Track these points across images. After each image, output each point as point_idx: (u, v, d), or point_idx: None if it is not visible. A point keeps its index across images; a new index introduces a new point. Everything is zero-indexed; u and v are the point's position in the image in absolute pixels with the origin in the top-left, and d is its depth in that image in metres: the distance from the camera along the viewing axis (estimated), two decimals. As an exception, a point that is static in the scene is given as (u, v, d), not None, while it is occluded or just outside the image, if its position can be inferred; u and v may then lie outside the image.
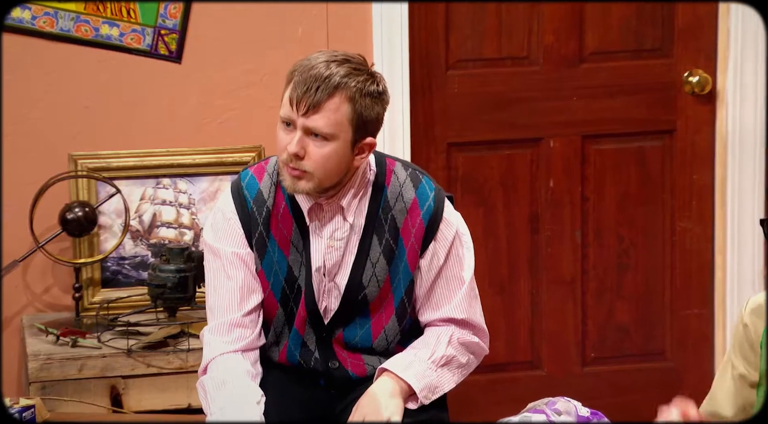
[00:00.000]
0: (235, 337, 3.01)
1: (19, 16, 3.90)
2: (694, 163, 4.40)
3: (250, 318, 3.03)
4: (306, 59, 2.91)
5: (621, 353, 4.45)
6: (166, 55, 4.02)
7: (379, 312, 3.05)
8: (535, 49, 4.29)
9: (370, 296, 3.03)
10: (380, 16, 4.09)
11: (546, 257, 4.38)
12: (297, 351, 3.07)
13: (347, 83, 2.85)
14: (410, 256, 3.02)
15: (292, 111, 2.86)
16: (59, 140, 3.98)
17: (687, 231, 4.42)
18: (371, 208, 3.01)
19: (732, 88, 4.32)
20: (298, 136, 2.87)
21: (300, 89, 2.84)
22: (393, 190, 3.01)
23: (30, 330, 3.87)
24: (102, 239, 4.00)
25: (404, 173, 3.03)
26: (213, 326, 3.04)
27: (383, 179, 3.02)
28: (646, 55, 4.35)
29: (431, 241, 3.02)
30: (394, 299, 3.03)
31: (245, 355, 3.01)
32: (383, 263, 3.00)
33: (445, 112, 4.25)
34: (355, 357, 3.08)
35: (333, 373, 3.08)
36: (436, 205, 3.01)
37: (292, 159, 2.87)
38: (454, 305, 3.06)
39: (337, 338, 3.06)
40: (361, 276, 3.02)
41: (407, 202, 3.00)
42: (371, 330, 3.06)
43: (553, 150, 4.34)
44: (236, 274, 3.02)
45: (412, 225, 3.01)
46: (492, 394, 4.28)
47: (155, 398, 3.71)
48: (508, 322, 4.37)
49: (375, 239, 3.01)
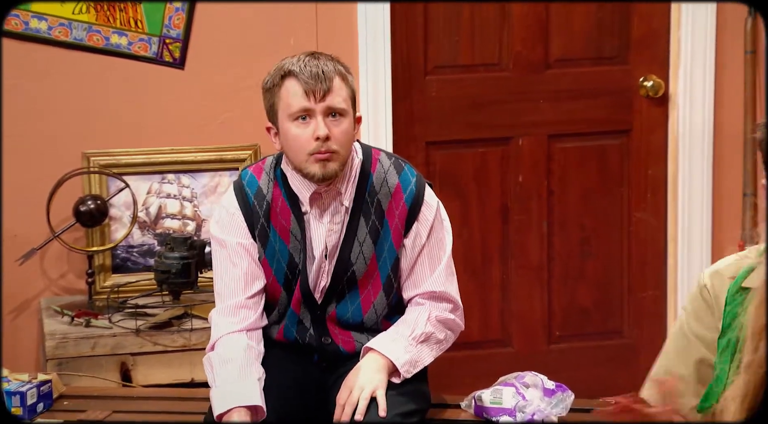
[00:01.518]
0: (240, 318, 3.02)
1: (36, 27, 3.90)
2: (649, 160, 4.40)
3: (253, 301, 3.04)
4: (282, 63, 2.98)
5: (583, 332, 4.46)
6: (171, 61, 4.01)
7: (368, 289, 3.06)
8: (505, 56, 4.28)
9: (358, 273, 3.03)
10: (365, 26, 4.09)
11: (515, 245, 4.37)
12: (294, 328, 3.08)
13: (337, 68, 2.95)
14: (395, 236, 3.03)
15: (308, 102, 2.92)
16: (73, 139, 3.97)
17: (642, 221, 4.42)
18: (358, 193, 3.02)
19: (683, 92, 4.32)
20: (321, 121, 2.92)
21: (310, 82, 2.91)
22: (378, 177, 3.03)
23: (47, 312, 3.86)
24: (112, 229, 3.99)
25: (388, 161, 3.06)
26: (220, 308, 3.05)
27: (369, 167, 3.04)
28: (605, 62, 4.35)
29: (414, 222, 3.04)
30: (381, 275, 3.03)
31: (249, 334, 3.02)
32: (369, 242, 3.01)
33: (424, 114, 4.25)
34: (345, 334, 3.08)
35: (325, 348, 3.09)
36: (417, 190, 3.03)
37: (323, 143, 2.91)
38: (433, 279, 3.07)
39: (330, 316, 3.07)
40: (349, 254, 3.03)
41: (391, 186, 3.02)
42: (361, 306, 3.07)
43: (521, 148, 4.33)
44: (241, 262, 3.04)
45: (396, 207, 3.02)
46: (467, 369, 4.28)
47: (161, 374, 3.70)
48: (481, 304, 4.37)
49: (362, 220, 3.02)
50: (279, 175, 3.05)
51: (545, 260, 4.40)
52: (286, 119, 2.95)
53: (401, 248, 3.04)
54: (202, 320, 3.70)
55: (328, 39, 3.98)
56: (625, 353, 4.46)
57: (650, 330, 4.45)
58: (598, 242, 4.43)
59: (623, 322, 4.49)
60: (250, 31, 4.00)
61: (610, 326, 4.49)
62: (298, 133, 2.93)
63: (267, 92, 3.00)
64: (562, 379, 3.20)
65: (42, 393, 3.26)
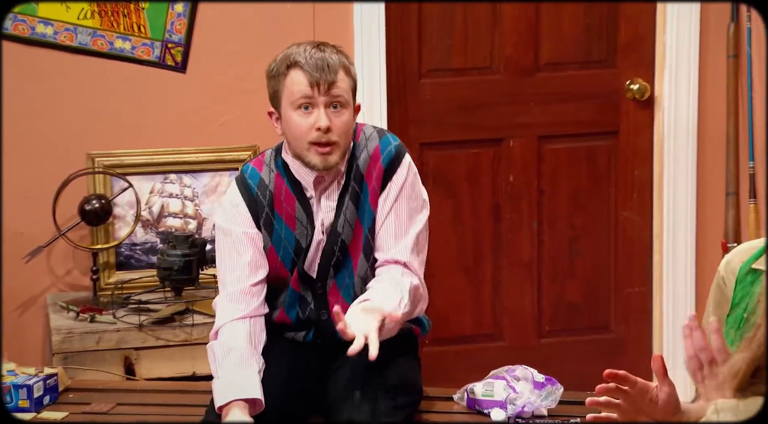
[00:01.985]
0: (244, 304, 3.02)
1: (42, 31, 3.90)
2: (635, 161, 4.40)
3: (257, 289, 3.04)
4: (289, 52, 2.98)
5: (572, 327, 4.46)
6: (173, 65, 4.01)
7: (355, 252, 3.05)
8: (497, 60, 4.28)
9: (347, 240, 3.03)
10: (361, 31, 4.09)
11: (506, 243, 4.37)
12: (295, 305, 3.07)
13: (341, 60, 2.96)
14: (372, 197, 3.03)
15: (312, 92, 2.93)
16: (78, 140, 3.97)
17: (629, 220, 4.43)
18: (348, 165, 3.03)
19: (668, 94, 4.32)
20: (323, 112, 2.93)
21: (317, 73, 2.91)
22: (360, 144, 3.04)
23: (53, 308, 3.86)
24: (116, 228, 3.99)
25: (371, 129, 3.09)
26: (224, 294, 3.05)
27: (354, 138, 3.05)
28: (593, 66, 4.35)
29: (389, 181, 3.03)
30: (363, 237, 3.02)
31: (252, 321, 3.02)
32: (351, 207, 3.01)
33: (418, 116, 4.25)
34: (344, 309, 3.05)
35: (321, 324, 3.07)
36: (397, 152, 3.05)
37: (324, 134, 2.92)
38: (399, 248, 3.02)
39: (330, 290, 3.06)
40: (337, 224, 3.03)
41: (370, 150, 3.04)
42: (352, 269, 3.06)
43: (512, 149, 4.33)
44: (245, 251, 3.04)
45: (374, 170, 3.03)
46: (460, 363, 4.27)
47: (163, 367, 3.70)
48: (473, 299, 4.37)
49: (347, 189, 3.03)
50: (280, 165, 3.05)
51: (535, 257, 4.40)
52: (288, 107, 2.96)
53: (377, 208, 3.03)
54: (203, 315, 3.70)
55: (325, 43, 3.99)
56: (612, 347, 4.46)
57: (636, 325, 4.45)
58: (587, 240, 4.43)
59: (610, 317, 4.49)
60: (248, 36, 4.00)
61: (597, 321, 4.49)
62: (300, 121, 2.95)
63: (272, 79, 3.00)
64: (552, 372, 3.20)
65: (48, 386, 3.25)
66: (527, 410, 3.07)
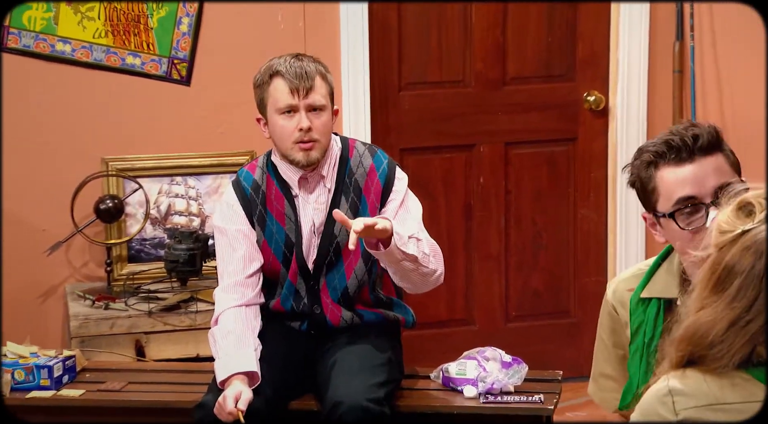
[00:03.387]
0: (239, 294, 3.03)
1: (62, 49, 3.89)
2: (592, 164, 4.41)
3: (251, 280, 3.04)
4: (271, 63, 3.00)
5: (535, 312, 4.46)
6: (178, 79, 4.00)
7: (350, 258, 3.04)
8: (468, 74, 4.28)
9: (341, 243, 3.02)
10: (347, 49, 4.08)
11: (477, 238, 4.37)
12: (291, 297, 3.07)
13: (317, 68, 2.98)
14: (371, 208, 3.03)
15: (293, 99, 2.95)
16: (94, 146, 3.96)
17: (586, 217, 4.43)
18: (339, 175, 3.04)
19: (620, 105, 4.33)
20: (304, 115, 2.95)
21: (296, 81, 2.94)
22: (355, 160, 3.04)
23: (71, 296, 3.85)
24: (128, 225, 3.98)
25: (363, 147, 3.09)
26: (222, 286, 3.06)
27: (347, 153, 3.06)
28: (554, 80, 4.35)
29: (389, 195, 3.04)
30: (360, 245, 2.98)
31: (247, 309, 3.03)
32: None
33: (398, 124, 4.25)
34: (335, 306, 3.07)
35: (315, 317, 3.07)
36: (389, 168, 3.06)
37: (305, 133, 2.93)
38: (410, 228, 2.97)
39: (322, 288, 3.06)
40: (333, 229, 3.02)
41: (366, 167, 3.04)
42: (345, 273, 3.05)
43: (482, 154, 4.33)
44: (239, 247, 3.04)
45: (372, 185, 3.03)
46: (435, 345, 4.27)
47: (170, 350, 3.69)
48: (447, 288, 4.36)
49: (343, 198, 3.03)
50: (270, 167, 3.07)
51: (503, 250, 4.40)
52: (274, 113, 2.98)
53: None
54: (205, 303, 3.70)
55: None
56: (571, 331, 4.47)
57: (593, 310, 4.40)
58: (548, 235, 4.43)
59: (570, 303, 4.49)
60: (245, 54, 3.99)
61: (558, 307, 4.50)
62: (284, 124, 2.97)
63: (257, 88, 3.02)
64: (518, 353, 3.20)
65: (67, 367, 3.25)
66: (496, 387, 3.07)
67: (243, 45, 4.01)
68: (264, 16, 4.02)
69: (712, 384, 1.73)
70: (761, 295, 1.69)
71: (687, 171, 2.22)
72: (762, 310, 1.69)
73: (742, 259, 1.71)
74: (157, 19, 3.95)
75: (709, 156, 2.22)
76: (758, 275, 1.69)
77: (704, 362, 1.74)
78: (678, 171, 2.22)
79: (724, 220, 1.75)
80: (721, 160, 2.24)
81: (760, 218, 1.72)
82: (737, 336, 1.71)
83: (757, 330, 1.70)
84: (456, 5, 4.21)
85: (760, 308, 1.69)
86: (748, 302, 1.70)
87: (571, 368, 3.94)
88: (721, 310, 1.71)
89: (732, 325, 1.71)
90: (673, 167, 2.23)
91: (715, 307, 1.72)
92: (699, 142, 2.22)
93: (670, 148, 2.23)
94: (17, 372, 3.16)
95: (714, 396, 1.72)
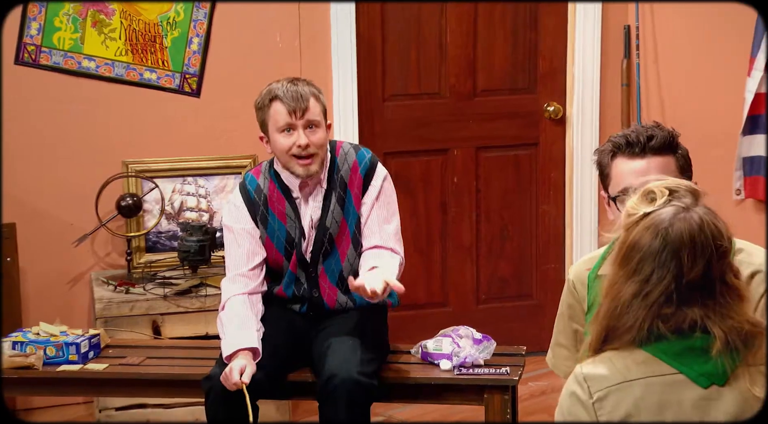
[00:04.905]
0: (243, 284, 3.03)
1: (87, 66, 3.89)
2: (551, 166, 4.42)
3: (253, 272, 3.04)
4: (269, 88, 3.00)
5: (503, 295, 4.47)
6: (189, 92, 4.00)
7: (342, 244, 3.05)
8: (443, 87, 4.28)
9: (333, 233, 3.03)
10: (338, 66, 4.08)
11: (451, 230, 4.39)
12: (292, 284, 3.07)
13: (311, 90, 2.97)
14: (355, 200, 3.03)
15: (291, 118, 2.94)
16: (116, 151, 3.96)
17: (546, 212, 4.44)
18: (329, 174, 3.04)
19: (576, 115, 4.34)
20: (302, 133, 2.94)
21: (293, 103, 2.93)
22: (341, 158, 3.04)
23: (96, 282, 3.85)
24: (145, 219, 3.98)
25: (348, 146, 3.09)
26: (228, 277, 3.06)
27: (334, 153, 3.06)
28: (519, 92, 4.36)
29: (368, 186, 3.04)
30: (350, 232, 3.02)
31: (250, 297, 3.03)
32: (338, 209, 3.01)
33: (383, 131, 4.25)
34: (332, 290, 3.07)
35: (313, 300, 3.08)
36: (371, 163, 3.06)
37: (304, 149, 2.93)
38: (384, 237, 3.02)
39: (320, 274, 3.06)
40: (325, 220, 3.02)
41: (350, 163, 3.04)
42: (339, 258, 3.05)
43: (456, 157, 4.34)
44: (244, 243, 3.05)
45: (355, 178, 3.03)
46: (415, 324, 4.28)
47: (183, 329, 3.69)
48: (425, 274, 4.38)
49: (332, 193, 3.03)
50: (273, 174, 3.07)
51: (474, 241, 4.41)
52: (275, 131, 2.97)
53: (361, 208, 3.04)
54: (214, 288, 3.70)
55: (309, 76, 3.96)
56: (534, 311, 4.48)
57: (553, 294, 4.46)
58: (514, 228, 4.44)
59: (533, 287, 4.50)
60: (248, 69, 4.00)
61: (522, 291, 4.51)
62: (284, 142, 2.96)
63: (259, 110, 3.02)
64: (487, 331, 3.21)
65: (92, 344, 3.25)
66: (468, 361, 3.07)
67: (246, 61, 4.02)
68: (264, 36, 4.02)
69: (619, 365, 1.77)
70: (657, 269, 1.74)
71: (636, 165, 2.24)
72: (658, 282, 1.75)
73: (643, 237, 1.76)
74: (170, 39, 3.94)
75: (659, 156, 2.24)
76: (655, 251, 1.75)
77: (616, 335, 1.79)
78: (628, 163, 2.25)
79: (631, 205, 1.81)
80: (670, 161, 2.25)
81: (660, 203, 1.77)
82: (640, 307, 1.76)
83: (655, 300, 1.75)
84: (433, 27, 4.22)
85: (656, 281, 1.75)
86: (646, 275, 1.76)
87: (534, 343, 3.95)
88: (626, 283, 1.77)
89: (635, 296, 1.76)
90: (626, 159, 2.25)
91: (622, 282, 1.78)
92: (652, 142, 2.24)
93: (628, 143, 2.25)
94: (49, 348, 3.16)
95: (622, 375, 1.77)
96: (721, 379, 1.75)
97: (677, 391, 1.75)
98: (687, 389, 1.75)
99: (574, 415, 1.79)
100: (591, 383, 1.78)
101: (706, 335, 1.75)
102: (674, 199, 1.79)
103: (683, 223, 1.75)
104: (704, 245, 1.75)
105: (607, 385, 1.77)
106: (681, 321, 1.75)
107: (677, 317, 1.76)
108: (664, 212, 1.77)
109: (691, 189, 1.81)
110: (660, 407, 1.75)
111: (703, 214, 1.77)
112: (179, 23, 3.94)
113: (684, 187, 1.81)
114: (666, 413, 1.75)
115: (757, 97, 3.87)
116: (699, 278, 1.75)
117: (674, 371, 1.76)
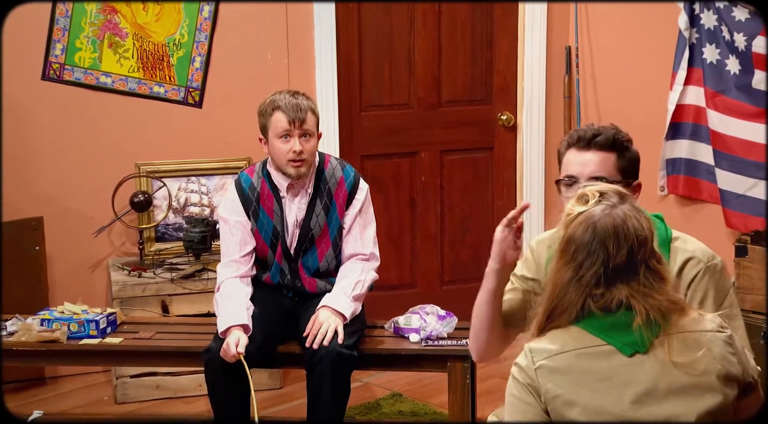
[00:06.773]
0: (235, 269, 3.03)
1: (104, 81, 3.87)
2: (505, 167, 4.44)
3: (245, 258, 3.05)
4: (273, 98, 2.99)
5: (463, 278, 4.48)
6: (193, 103, 3.99)
7: (322, 246, 3.06)
8: (412, 99, 4.29)
9: (315, 235, 3.04)
10: (320, 80, 4.08)
11: (419, 222, 4.40)
12: (278, 274, 3.08)
13: (309, 104, 2.97)
14: (339, 210, 3.05)
15: (290, 127, 2.93)
16: (129, 153, 3.95)
17: (501, 206, 4.46)
18: (316, 183, 3.04)
19: (526, 123, 4.36)
20: (297, 141, 2.94)
21: (293, 114, 2.92)
22: (329, 172, 3.05)
23: (113, 268, 3.85)
24: (155, 213, 3.97)
25: (336, 162, 3.09)
26: (223, 262, 3.07)
27: (323, 165, 3.06)
28: (477, 103, 4.37)
29: (353, 200, 3.05)
30: (330, 237, 3.04)
31: (241, 280, 3.04)
32: (323, 215, 3.03)
33: (360, 137, 4.25)
34: (311, 280, 3.09)
35: (297, 288, 3.10)
36: (355, 179, 3.07)
37: (298, 155, 2.93)
38: (365, 243, 3.06)
39: (300, 266, 3.07)
40: (310, 223, 3.03)
41: (337, 178, 3.05)
42: (318, 257, 3.06)
43: (423, 159, 4.35)
44: (237, 233, 3.05)
45: (340, 192, 3.04)
46: (387, 303, 4.29)
47: (188, 308, 3.70)
48: (397, 260, 4.39)
49: (318, 200, 3.04)
50: (265, 174, 3.07)
51: (439, 231, 4.43)
52: (274, 137, 2.97)
53: (344, 218, 3.05)
54: (214, 272, 3.67)
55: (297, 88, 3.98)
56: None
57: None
58: (473, 220, 4.46)
59: (489, 271, 4.51)
60: (242, 84, 4.00)
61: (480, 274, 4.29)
62: (281, 147, 2.96)
63: (261, 116, 3.01)
64: (450, 309, 3.24)
65: (110, 321, 3.25)
66: (434, 334, 3.10)
67: (241, 77, 4.01)
68: (257, 55, 4.02)
69: (558, 339, 1.84)
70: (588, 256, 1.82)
71: (580, 157, 2.25)
72: (589, 267, 1.82)
73: (577, 231, 1.84)
74: (176, 58, 3.93)
75: (602, 152, 2.24)
76: (586, 242, 1.82)
77: (556, 313, 1.85)
78: (575, 154, 2.26)
79: (569, 207, 1.89)
80: (611, 158, 2.24)
81: (592, 204, 1.85)
82: (576, 290, 1.83)
83: (588, 283, 1.82)
84: (403, 46, 4.23)
85: (587, 266, 1.82)
86: (580, 262, 1.83)
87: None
88: (564, 269, 1.84)
89: (571, 280, 1.83)
90: (574, 151, 2.27)
91: (562, 269, 1.85)
92: (597, 138, 2.24)
93: (579, 138, 2.27)
94: (72, 325, 3.17)
95: (560, 346, 1.83)
96: (642, 347, 1.80)
97: (606, 359, 1.81)
98: (614, 357, 1.81)
99: (518, 381, 1.85)
100: (534, 354, 1.85)
101: (629, 311, 1.81)
102: (603, 200, 1.85)
103: (609, 218, 1.82)
104: (627, 235, 1.81)
105: (547, 355, 1.83)
106: (609, 301, 1.82)
107: (606, 297, 1.82)
108: (594, 210, 1.84)
109: (619, 192, 1.88)
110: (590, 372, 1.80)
111: (627, 210, 1.84)
112: (184, 44, 3.93)
113: (612, 190, 1.88)
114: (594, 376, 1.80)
115: (678, 108, 3.91)
116: (624, 263, 1.81)
117: (603, 342, 1.81)
